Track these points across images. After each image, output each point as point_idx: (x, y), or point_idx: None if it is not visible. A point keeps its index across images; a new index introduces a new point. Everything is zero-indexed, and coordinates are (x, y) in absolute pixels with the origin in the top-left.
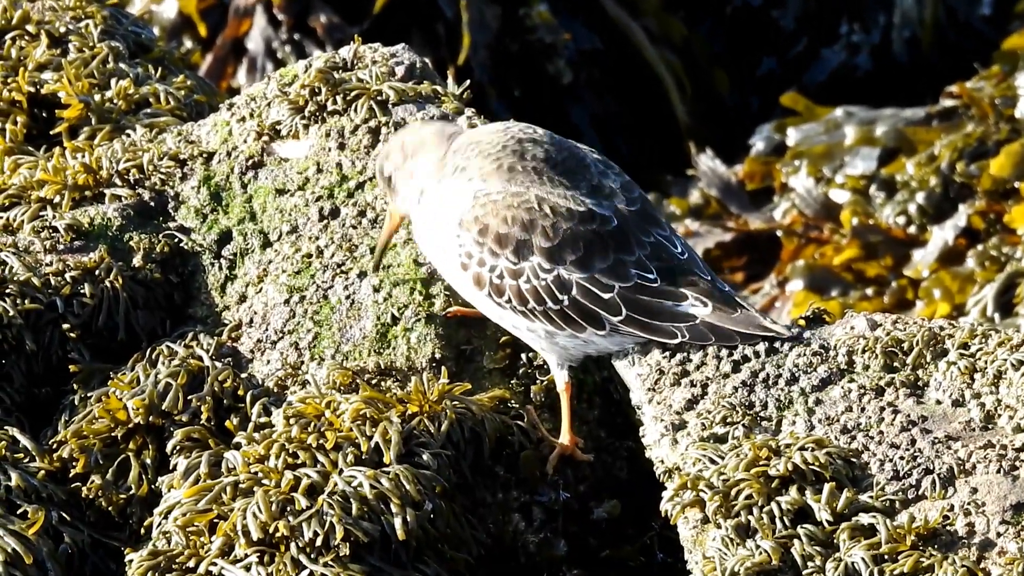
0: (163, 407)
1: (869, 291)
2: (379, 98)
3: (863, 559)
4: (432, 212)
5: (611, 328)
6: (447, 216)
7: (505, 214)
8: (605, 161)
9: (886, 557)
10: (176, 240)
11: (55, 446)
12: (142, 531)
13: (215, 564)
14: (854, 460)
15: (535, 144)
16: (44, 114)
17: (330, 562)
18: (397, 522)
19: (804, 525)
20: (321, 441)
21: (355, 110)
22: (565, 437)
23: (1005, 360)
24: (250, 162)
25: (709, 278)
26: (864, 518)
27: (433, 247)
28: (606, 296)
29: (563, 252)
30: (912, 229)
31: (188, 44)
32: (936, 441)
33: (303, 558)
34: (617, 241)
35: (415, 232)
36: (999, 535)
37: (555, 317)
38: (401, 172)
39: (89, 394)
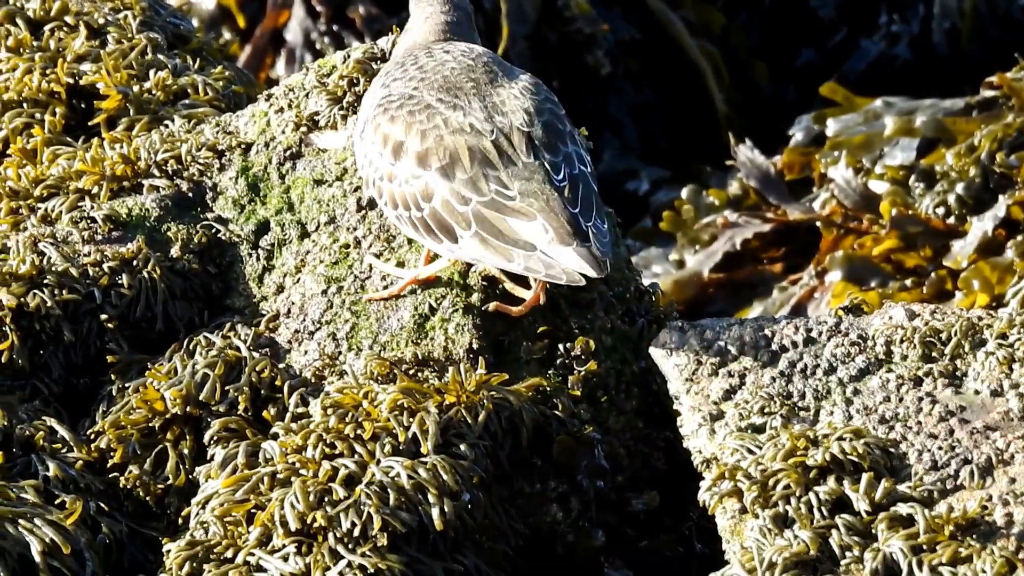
0: (200, 397)
1: (908, 282)
2: None
3: (901, 549)
4: (358, 119)
5: (460, 244)
6: (359, 123)
7: (394, 114)
8: (534, 89)
9: (924, 547)
10: (214, 231)
11: (93, 436)
12: (180, 521)
13: (253, 554)
14: (892, 450)
15: (457, 58)
16: (83, 105)
17: (368, 552)
18: (435, 512)
19: (842, 515)
20: (359, 431)
21: None
22: (422, 272)
23: None
24: (288, 153)
25: (576, 208)
26: (902, 508)
27: (356, 154)
28: (461, 209)
29: (430, 159)
30: (951, 220)
31: (226, 35)
32: (974, 431)
33: (341, 548)
34: (484, 155)
35: None
36: None
37: (418, 225)
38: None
39: (127, 385)
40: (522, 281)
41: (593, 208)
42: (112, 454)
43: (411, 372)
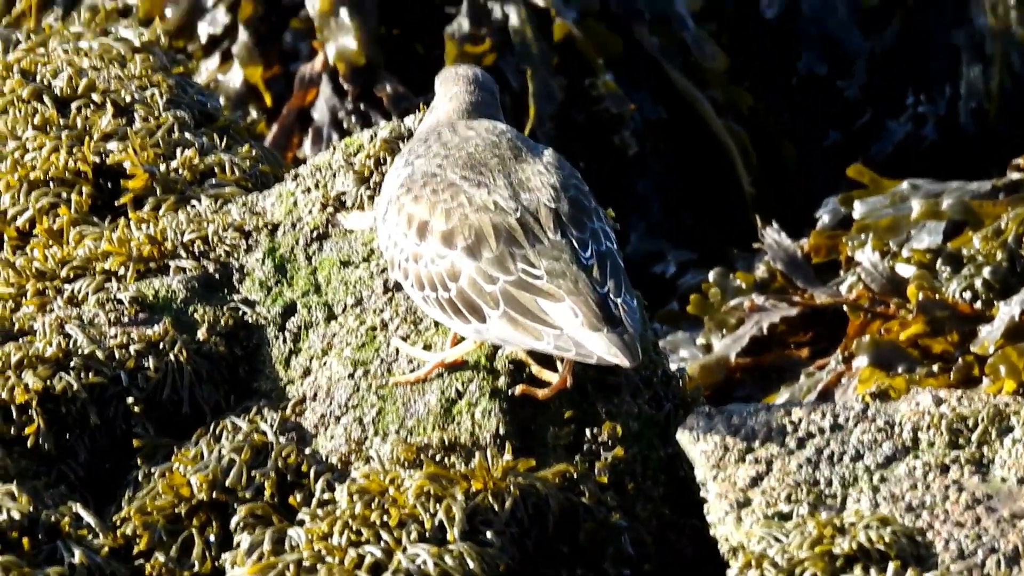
0: (227, 483)
1: (935, 367)
2: None
3: None
4: (381, 198)
5: (488, 324)
6: (381, 203)
7: (417, 193)
8: (558, 164)
9: None
10: (241, 313)
11: (119, 522)
12: None
13: None
14: (919, 538)
15: (481, 135)
16: (109, 184)
17: None
18: None
19: None
20: (385, 518)
21: None
22: (449, 355)
23: None
24: (315, 233)
25: (604, 290)
26: None
27: (379, 236)
28: (489, 288)
29: (455, 238)
30: (978, 304)
31: (253, 114)
32: (1001, 520)
33: None
34: (510, 233)
35: None
36: None
37: (445, 305)
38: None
39: (153, 469)
40: (549, 364)
41: (622, 285)
42: (138, 540)
43: (437, 458)
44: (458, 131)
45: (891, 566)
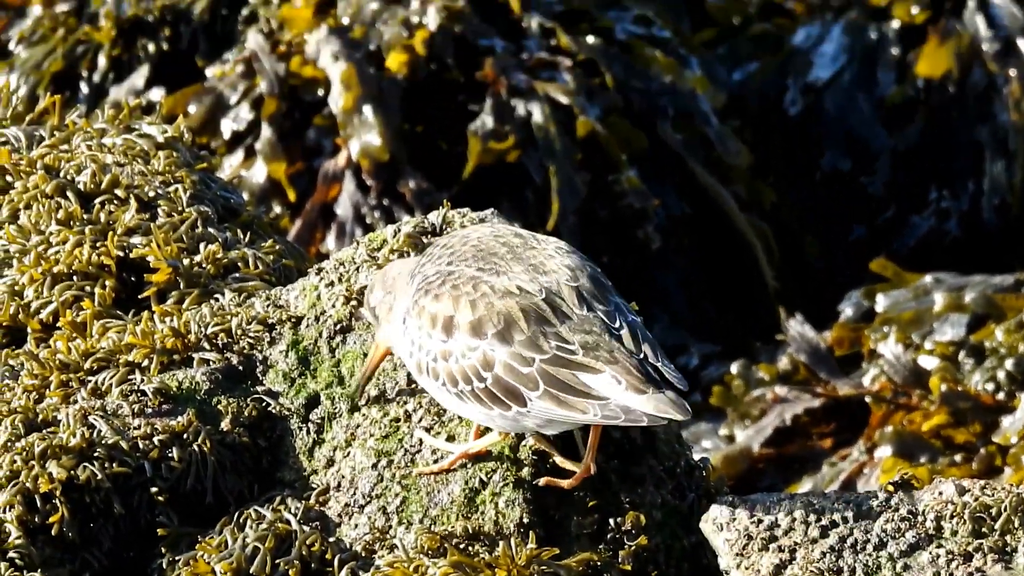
0: (251, 571)
1: (958, 457)
2: None
3: None
4: (394, 316)
5: (530, 406)
6: (400, 311)
7: (437, 292)
8: (567, 248)
9: None
10: (264, 404)
11: None
12: None
13: None
14: None
15: (481, 231)
16: (133, 278)
17: None
18: None
19: None
20: None
21: None
22: (472, 447)
23: None
24: (338, 327)
25: (640, 355)
26: None
27: (399, 352)
28: (525, 370)
29: (484, 327)
30: (1001, 395)
31: (277, 209)
32: None
33: None
34: (539, 313)
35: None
36: None
37: (483, 396)
38: (383, 304)
39: (177, 558)
40: (571, 453)
41: (657, 350)
42: None
43: (462, 546)
44: (455, 235)
45: None
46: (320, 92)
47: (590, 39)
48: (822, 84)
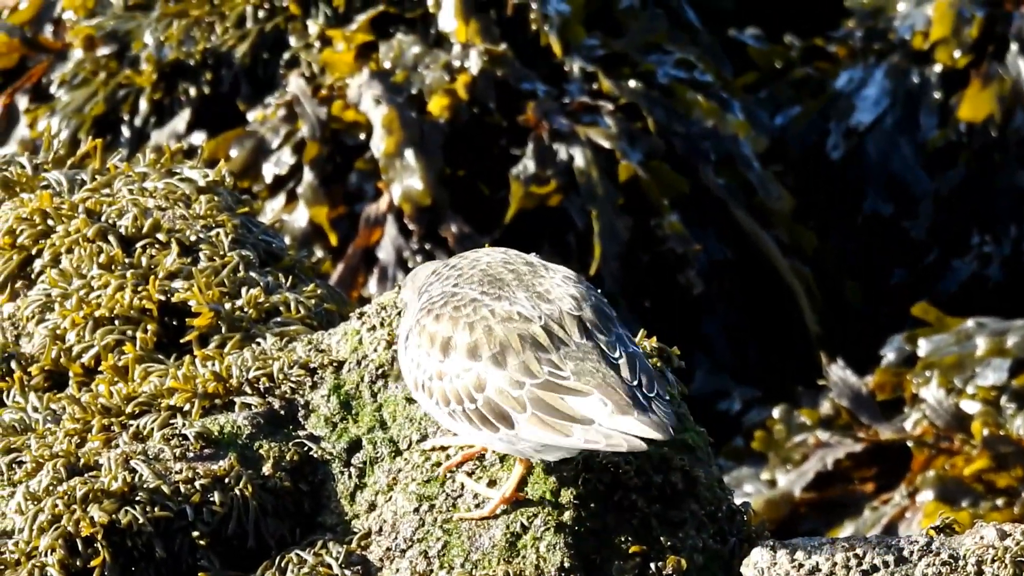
0: None
1: (999, 501)
2: None
3: None
4: (399, 328)
5: (518, 429)
6: (403, 331)
7: (438, 312)
8: (575, 278)
9: None
10: (306, 448)
11: None
12: None
13: None
14: None
15: (492, 255)
16: (174, 322)
17: None
18: None
19: None
20: None
21: None
22: (507, 489)
23: None
24: (380, 371)
25: (634, 383)
26: None
27: (402, 367)
28: (516, 393)
29: (480, 349)
30: None
31: (319, 253)
32: None
33: None
34: (535, 340)
35: None
36: None
37: (473, 417)
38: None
39: None
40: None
41: (654, 381)
42: None
43: None
44: (466, 256)
45: None
46: (362, 136)
47: (632, 83)
48: (864, 128)
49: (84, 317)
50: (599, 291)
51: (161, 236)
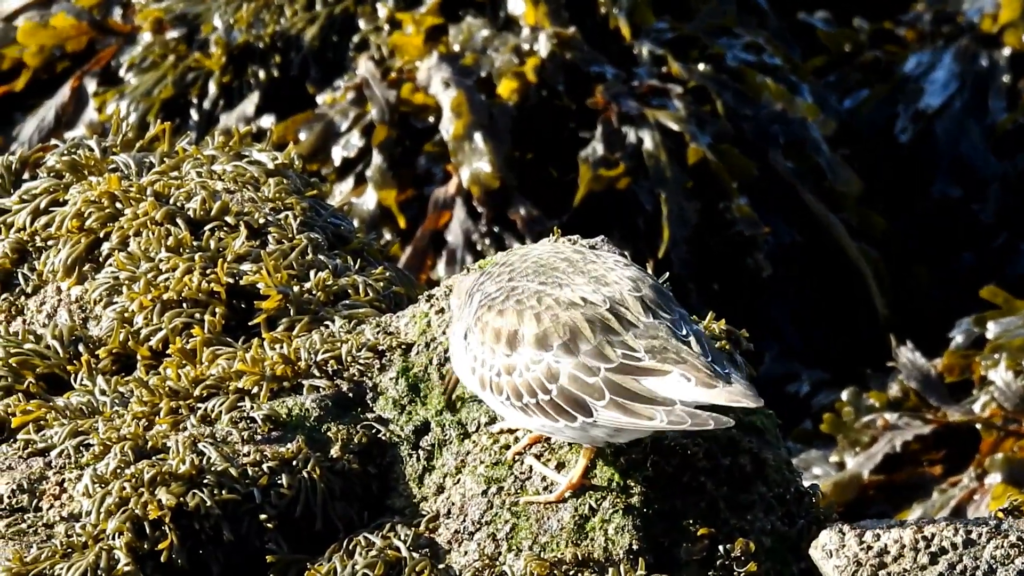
0: None
1: None
2: None
3: None
4: (453, 332)
5: (596, 416)
6: (460, 330)
7: (500, 307)
8: (625, 262)
9: None
10: (374, 431)
11: None
12: None
13: None
14: None
15: (539, 248)
16: (243, 305)
17: None
18: None
19: None
20: None
21: None
22: (574, 475)
23: None
24: (448, 353)
25: (709, 357)
26: None
27: (457, 366)
28: (591, 380)
29: (550, 338)
30: None
31: (387, 236)
32: None
33: None
34: (604, 323)
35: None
36: None
37: (548, 409)
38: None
39: None
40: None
41: (723, 356)
42: None
43: (571, 573)
44: (515, 252)
45: None
46: (431, 119)
47: (701, 66)
48: (932, 111)
49: (152, 300)
50: (667, 274)
51: (229, 219)
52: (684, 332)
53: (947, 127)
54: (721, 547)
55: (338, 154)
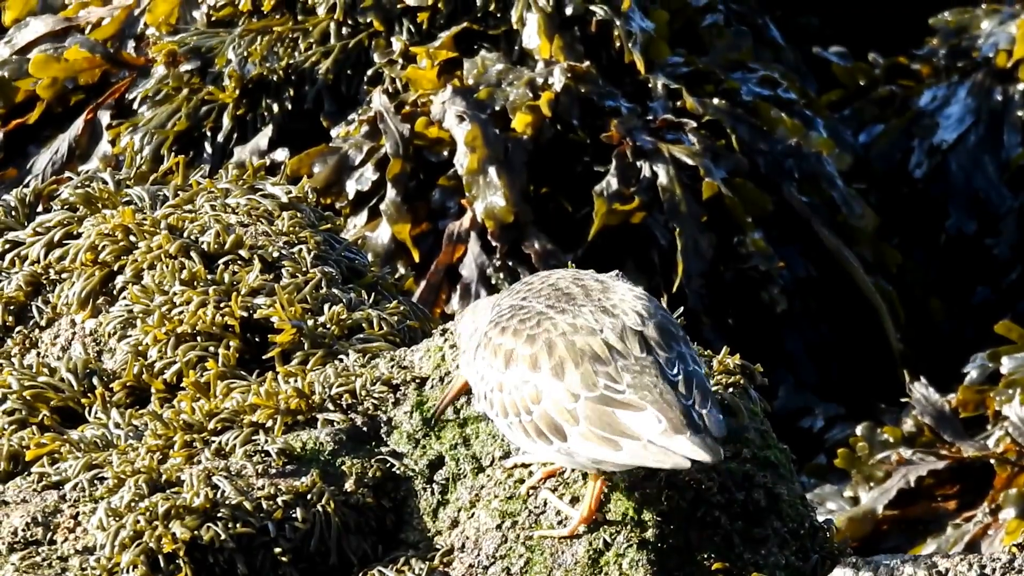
0: None
1: None
2: None
3: None
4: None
5: (569, 442)
6: (470, 350)
7: (504, 325)
8: (643, 295)
9: None
10: (388, 465)
11: None
12: None
13: None
14: None
15: (562, 273)
16: (257, 339)
17: None
18: None
19: None
20: None
21: None
22: (584, 509)
23: None
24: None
25: (689, 401)
26: None
27: (472, 383)
28: (571, 406)
29: (540, 361)
30: None
31: (401, 270)
32: None
33: None
34: (595, 353)
35: None
36: None
37: (528, 429)
38: (465, 342)
39: None
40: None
41: (708, 399)
42: None
43: None
44: (540, 274)
45: None
46: (445, 153)
47: (715, 101)
48: (947, 146)
49: (166, 333)
50: (681, 308)
51: (243, 252)
52: (675, 372)
53: (962, 162)
54: None
55: (352, 187)
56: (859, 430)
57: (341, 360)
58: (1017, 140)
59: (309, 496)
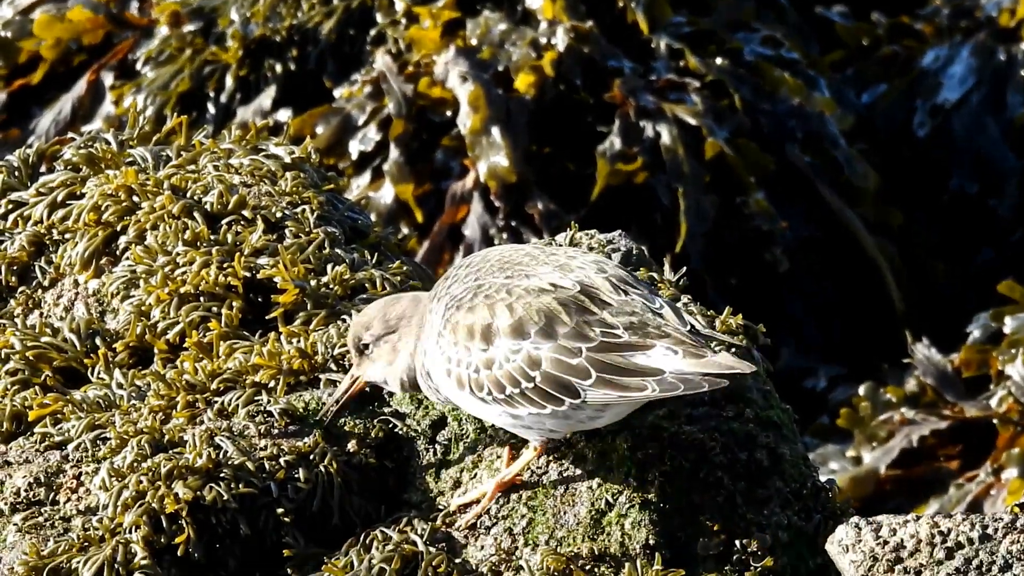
0: None
1: None
2: None
3: None
4: (422, 348)
5: (584, 396)
6: (431, 337)
7: (470, 305)
8: (583, 248)
9: None
10: (391, 425)
11: None
12: None
13: None
14: None
15: (498, 249)
16: (259, 299)
17: None
18: None
19: None
20: None
21: None
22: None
23: None
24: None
25: (687, 327)
26: None
27: (435, 375)
28: (574, 361)
29: (526, 326)
30: None
31: (404, 230)
32: None
33: None
34: (578, 304)
35: (423, 387)
36: None
37: (533, 396)
38: (382, 342)
39: None
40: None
41: (701, 326)
42: None
43: (587, 568)
44: (474, 256)
45: None
46: (448, 113)
47: (718, 60)
48: (950, 106)
49: (169, 294)
50: (684, 268)
51: (246, 213)
52: (657, 305)
53: (965, 122)
54: (738, 542)
55: (355, 148)
56: (862, 390)
57: (344, 320)
58: (1020, 100)
59: (311, 456)
